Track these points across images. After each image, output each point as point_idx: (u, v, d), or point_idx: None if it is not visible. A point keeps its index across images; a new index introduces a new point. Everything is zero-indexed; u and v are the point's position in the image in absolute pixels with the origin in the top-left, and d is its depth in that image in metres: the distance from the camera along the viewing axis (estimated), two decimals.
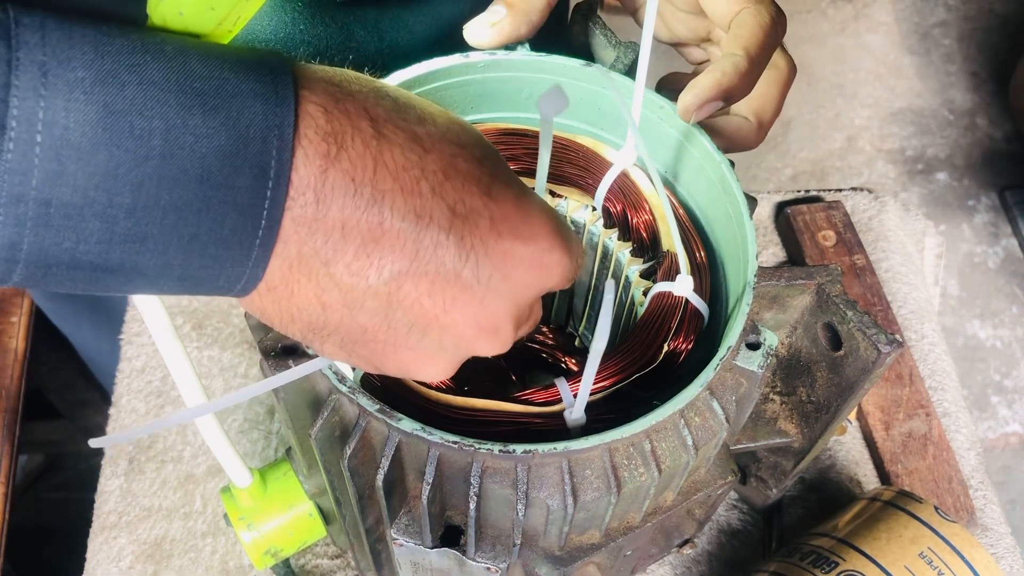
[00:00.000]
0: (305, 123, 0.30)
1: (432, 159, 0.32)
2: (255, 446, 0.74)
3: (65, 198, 0.26)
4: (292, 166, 0.29)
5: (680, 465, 0.43)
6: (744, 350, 0.44)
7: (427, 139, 0.32)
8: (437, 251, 0.32)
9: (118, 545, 0.69)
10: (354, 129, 0.30)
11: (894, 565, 0.56)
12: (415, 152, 0.31)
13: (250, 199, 0.29)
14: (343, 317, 0.32)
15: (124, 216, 0.27)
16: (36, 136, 0.25)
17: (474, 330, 0.34)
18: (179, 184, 0.28)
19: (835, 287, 0.50)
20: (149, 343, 0.78)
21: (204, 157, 0.28)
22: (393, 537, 0.46)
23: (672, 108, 0.52)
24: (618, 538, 0.47)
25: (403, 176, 0.31)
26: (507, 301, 0.34)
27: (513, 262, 0.33)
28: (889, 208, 0.90)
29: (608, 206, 0.54)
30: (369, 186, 0.30)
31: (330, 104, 0.30)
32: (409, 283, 0.32)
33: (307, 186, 0.29)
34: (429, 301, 0.32)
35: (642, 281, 0.54)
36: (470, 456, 0.40)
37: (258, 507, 0.55)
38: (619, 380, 0.46)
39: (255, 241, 0.29)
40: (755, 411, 0.57)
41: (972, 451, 0.76)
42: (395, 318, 0.33)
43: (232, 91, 0.28)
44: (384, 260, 0.31)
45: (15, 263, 0.27)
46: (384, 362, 0.36)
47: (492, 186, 0.33)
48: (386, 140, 0.31)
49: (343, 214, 0.30)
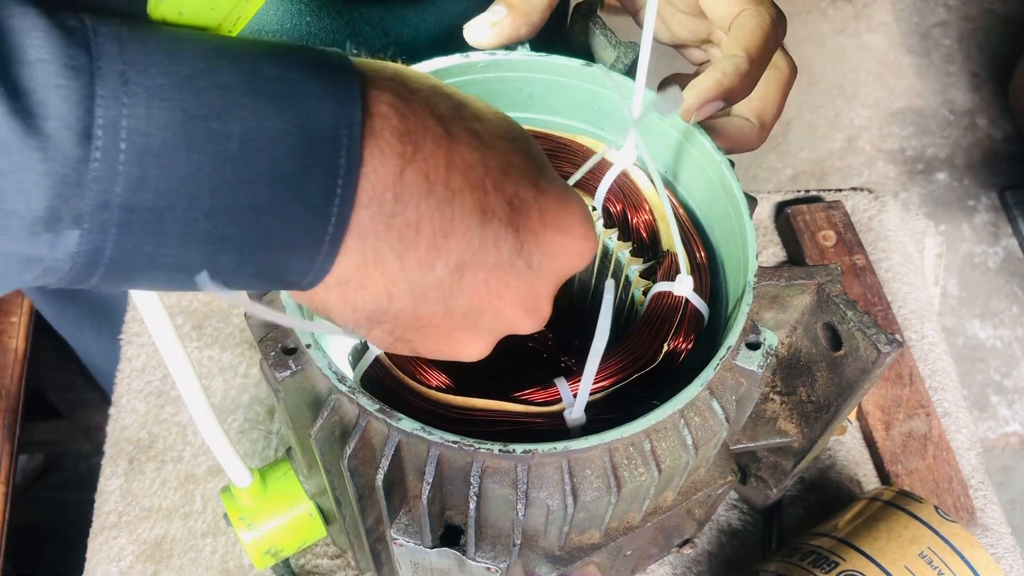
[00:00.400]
0: (379, 123, 0.30)
1: (492, 156, 0.34)
2: (255, 446, 0.74)
3: (147, 203, 0.27)
4: (367, 164, 0.30)
5: (680, 465, 0.43)
6: (744, 350, 0.44)
7: (485, 136, 0.34)
8: (497, 243, 0.34)
9: (118, 545, 0.69)
10: (425, 129, 0.32)
11: (894, 565, 0.56)
12: (478, 150, 0.33)
13: (321, 197, 0.29)
14: (406, 307, 0.34)
15: (203, 218, 0.28)
16: (120, 144, 0.26)
17: (521, 312, 0.36)
18: (255, 185, 0.28)
19: (835, 287, 0.50)
20: (149, 343, 0.78)
21: (278, 158, 0.28)
22: (393, 537, 0.46)
23: None
24: (618, 538, 0.47)
25: (470, 174, 0.33)
26: (549, 283, 0.37)
27: (557, 249, 0.36)
28: (889, 208, 0.90)
29: (608, 206, 0.54)
30: (442, 184, 0.32)
31: (399, 103, 0.31)
32: (470, 273, 0.34)
33: (386, 186, 0.30)
34: (486, 288, 0.35)
35: (642, 281, 0.54)
36: (470, 456, 0.40)
37: (258, 507, 0.55)
38: (619, 380, 0.46)
39: (324, 238, 0.30)
40: (755, 411, 0.57)
41: (972, 451, 0.76)
42: (453, 306, 0.35)
43: (302, 91, 0.29)
44: (451, 253, 0.33)
45: (96, 267, 0.27)
46: (429, 346, 0.37)
47: (540, 180, 0.35)
48: (454, 139, 0.32)
49: (418, 211, 0.31)
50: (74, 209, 0.26)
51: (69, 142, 0.25)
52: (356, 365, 0.46)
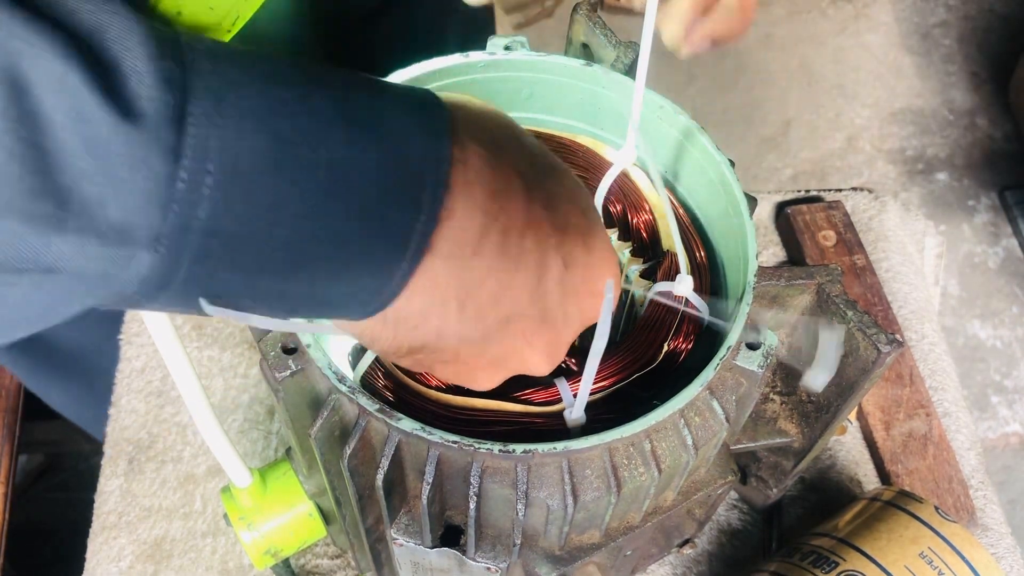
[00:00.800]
0: (471, 175, 0.30)
1: (559, 216, 0.34)
2: (255, 446, 0.74)
3: (229, 229, 0.25)
4: (455, 214, 0.30)
5: (680, 465, 0.43)
6: (744, 350, 0.44)
7: (556, 196, 0.35)
8: (546, 298, 0.35)
9: (118, 545, 0.69)
10: (511, 187, 0.32)
11: (894, 565, 0.56)
12: (549, 211, 0.34)
13: (401, 235, 0.29)
14: (448, 347, 0.34)
15: (280, 248, 0.27)
16: (208, 165, 0.24)
17: (542, 356, 0.37)
18: (337, 218, 0.27)
19: (835, 287, 0.50)
20: (149, 343, 0.78)
21: (364, 192, 0.28)
22: (393, 537, 0.46)
23: (672, 108, 0.52)
24: (618, 538, 0.47)
25: (539, 231, 0.33)
26: (574, 333, 0.38)
27: (590, 305, 0.37)
28: (889, 208, 0.90)
29: (608, 206, 0.54)
30: (516, 245, 0.32)
31: (489, 156, 0.31)
32: (516, 324, 0.35)
33: (467, 241, 0.31)
34: (523, 337, 0.36)
35: (642, 281, 0.54)
36: (470, 456, 0.40)
37: (258, 507, 0.55)
38: (619, 380, 0.46)
39: (396, 273, 0.30)
40: (755, 411, 0.57)
41: (972, 451, 0.76)
42: (490, 348, 0.35)
43: (392, 124, 0.28)
44: (505, 305, 0.33)
45: (163, 289, 0.26)
46: (448, 374, 0.38)
47: (589, 237, 0.36)
48: (533, 201, 0.33)
49: (489, 265, 0.32)
50: (153, 229, 0.24)
51: (158, 157, 0.23)
52: (356, 365, 0.46)
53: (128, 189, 0.23)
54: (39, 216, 0.23)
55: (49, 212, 0.23)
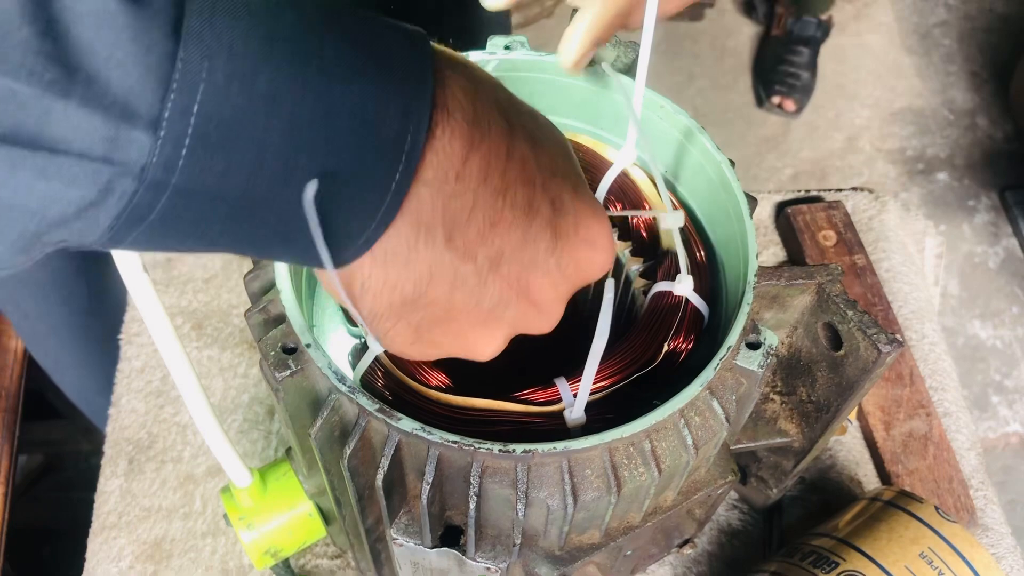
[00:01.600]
0: (452, 104, 0.31)
1: (544, 155, 0.34)
2: (255, 446, 0.74)
3: (226, 115, 0.26)
4: (437, 140, 0.30)
5: (680, 465, 0.43)
6: (744, 350, 0.44)
7: (538, 134, 0.35)
8: (537, 240, 0.34)
9: (118, 545, 0.69)
10: (490, 118, 0.32)
11: (894, 565, 0.56)
12: (533, 147, 0.34)
13: (392, 144, 0.29)
14: (442, 293, 0.34)
15: (277, 140, 0.27)
16: (205, 49, 0.25)
17: (539, 311, 0.37)
18: (329, 115, 0.28)
19: (835, 287, 0.50)
20: (149, 343, 0.78)
21: (353, 94, 0.28)
22: (393, 537, 0.46)
23: (672, 108, 0.52)
24: (618, 538, 0.47)
25: (525, 168, 0.33)
26: (569, 288, 0.37)
27: (583, 257, 0.37)
28: (889, 208, 0.90)
29: (608, 206, 0.54)
30: (499, 175, 0.32)
31: (471, 88, 0.32)
32: (507, 266, 0.34)
33: (450, 167, 0.31)
34: (516, 283, 0.35)
35: (642, 281, 0.54)
36: (470, 456, 0.40)
37: (258, 507, 0.55)
38: (619, 380, 0.46)
39: (388, 190, 0.30)
40: (755, 411, 0.57)
41: (972, 451, 0.76)
42: (485, 296, 0.35)
43: (380, 36, 0.29)
44: (495, 243, 0.33)
45: (164, 189, 0.26)
46: (453, 342, 0.37)
47: (578, 185, 0.36)
48: (514, 133, 0.33)
49: (474, 197, 0.32)
50: (154, 108, 0.25)
51: (161, 33, 0.24)
52: (356, 365, 0.46)
53: (132, 61, 0.24)
54: (46, 80, 0.23)
55: (54, 77, 0.23)
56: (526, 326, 0.38)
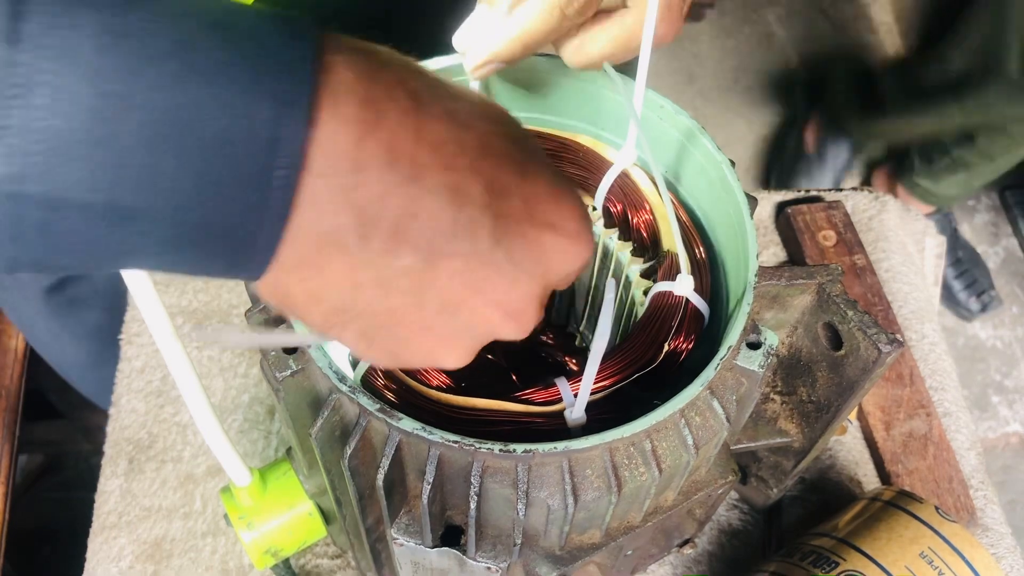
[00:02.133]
0: (339, 86, 0.28)
1: (469, 136, 0.31)
2: (255, 446, 0.74)
3: (75, 121, 0.24)
4: (322, 127, 0.27)
5: (680, 465, 0.43)
6: (745, 350, 0.44)
7: (462, 115, 0.31)
8: (473, 230, 0.31)
9: (118, 545, 0.69)
10: (390, 99, 0.29)
11: (894, 565, 0.56)
12: (452, 128, 0.31)
13: (267, 139, 0.27)
14: (374, 298, 0.31)
15: (135, 144, 0.25)
16: (45, 52, 0.24)
17: (502, 312, 0.34)
18: (194, 111, 0.26)
19: (835, 287, 0.50)
20: (149, 343, 0.78)
21: (221, 86, 0.26)
22: (393, 537, 0.46)
23: (672, 108, 0.52)
24: (618, 538, 0.47)
25: (441, 150, 0.30)
26: (536, 283, 0.34)
27: (544, 247, 0.33)
28: (889, 208, 0.90)
29: (608, 206, 0.54)
30: (408, 159, 0.29)
31: (366, 72, 0.29)
32: (444, 262, 0.31)
33: (343, 153, 0.28)
34: (461, 280, 0.32)
35: (642, 281, 0.54)
36: (470, 456, 0.40)
37: (258, 507, 0.55)
38: (619, 380, 0.46)
39: (271, 187, 0.27)
40: (755, 411, 0.57)
41: (972, 451, 0.76)
42: (427, 298, 0.32)
43: (250, 28, 0.27)
44: (421, 237, 0.30)
45: (25, 201, 0.24)
46: (406, 350, 0.34)
47: (527, 166, 0.33)
48: (424, 113, 0.30)
49: (381, 186, 0.29)
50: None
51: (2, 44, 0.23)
52: (356, 365, 0.46)
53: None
54: None
55: None
56: (491, 331, 0.34)
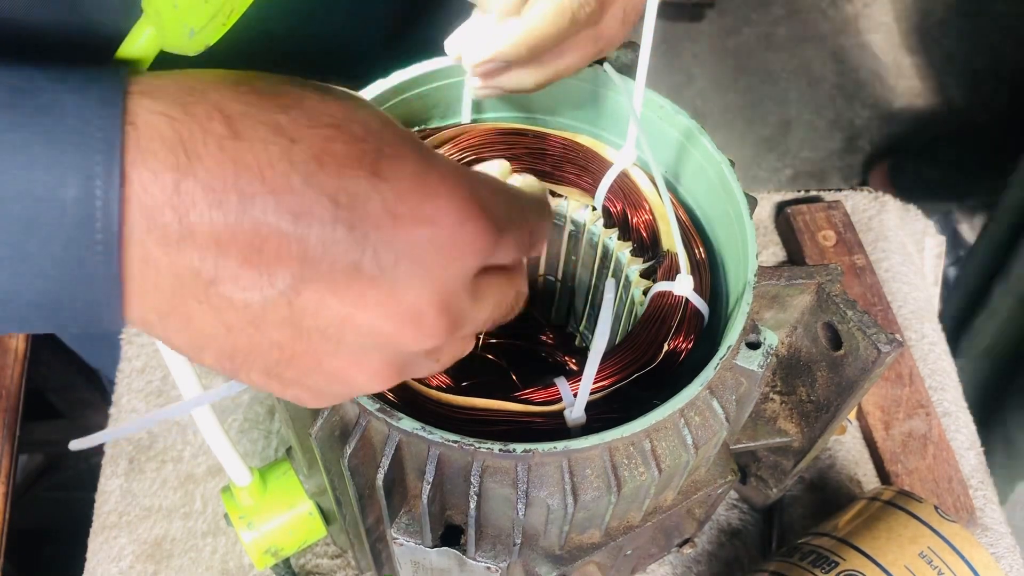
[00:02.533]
0: (146, 136, 0.27)
1: (301, 148, 0.29)
2: (255, 446, 0.74)
3: None
4: (131, 184, 0.27)
5: (680, 464, 0.43)
6: (744, 349, 0.44)
7: (293, 127, 0.29)
8: (327, 248, 0.29)
9: (118, 545, 0.69)
10: (205, 132, 0.28)
11: (894, 565, 0.56)
12: (279, 144, 0.29)
13: (80, 216, 0.26)
14: (252, 337, 0.30)
15: None
16: None
17: (393, 323, 0.31)
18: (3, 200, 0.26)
19: (835, 287, 0.51)
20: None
21: (17, 170, 0.26)
22: (393, 537, 0.46)
23: (672, 108, 0.52)
24: (618, 537, 0.47)
25: (270, 174, 0.28)
26: (422, 286, 0.31)
27: (417, 241, 0.30)
28: (889, 208, 0.90)
29: (608, 206, 0.54)
30: (233, 192, 0.28)
31: (176, 110, 0.28)
32: (307, 288, 0.29)
33: (162, 204, 0.27)
34: (335, 300, 0.30)
35: (642, 281, 0.54)
36: (470, 455, 0.40)
37: (258, 506, 0.55)
38: (619, 379, 0.46)
39: (96, 260, 0.27)
40: (755, 411, 0.57)
41: (972, 451, 0.76)
42: (305, 326, 0.30)
43: (48, 102, 0.27)
44: (273, 268, 0.29)
45: None
46: (320, 382, 0.33)
47: (379, 163, 0.30)
48: (244, 138, 0.28)
49: (212, 227, 0.28)
50: None
51: None
52: None
53: None
54: None
55: None
56: (394, 344, 0.32)
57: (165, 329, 0.30)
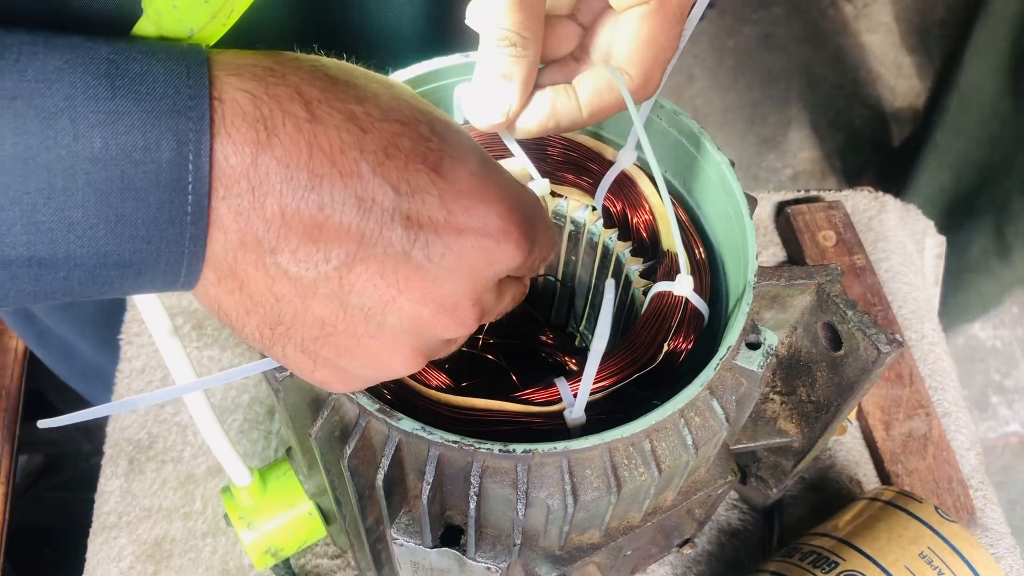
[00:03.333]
0: (230, 110, 0.29)
1: (372, 139, 0.31)
2: (255, 446, 0.74)
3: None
4: (217, 153, 0.29)
5: (680, 465, 0.43)
6: (744, 350, 0.44)
7: (366, 118, 0.31)
8: (383, 232, 0.31)
9: (118, 545, 0.69)
10: (285, 113, 0.30)
11: (894, 565, 0.56)
12: (352, 133, 0.31)
13: (173, 178, 0.28)
14: (298, 308, 0.32)
15: (44, 201, 0.27)
16: None
17: (431, 309, 0.33)
18: (95, 163, 0.27)
19: (835, 287, 0.50)
20: (149, 343, 0.78)
21: (118, 135, 0.27)
22: (393, 537, 0.46)
23: (672, 108, 0.52)
24: (618, 538, 0.47)
25: (341, 159, 0.30)
26: (463, 280, 0.34)
27: (465, 240, 0.33)
28: (889, 208, 0.90)
29: (608, 206, 0.54)
30: (305, 171, 0.30)
31: (258, 89, 0.30)
32: (359, 267, 0.31)
33: (240, 175, 0.29)
34: (383, 283, 0.32)
35: (642, 281, 0.54)
36: (470, 456, 0.40)
37: (258, 506, 0.55)
38: (619, 380, 0.46)
39: (185, 221, 0.29)
40: (755, 411, 0.57)
41: (972, 451, 0.76)
42: (351, 304, 0.32)
43: (141, 72, 0.28)
44: (331, 245, 0.31)
45: None
46: (351, 362, 0.35)
47: (441, 162, 0.32)
48: (320, 122, 0.30)
49: (281, 201, 0.30)
50: None
51: None
52: None
53: None
54: None
55: None
56: (429, 330, 0.34)
57: (219, 290, 0.32)
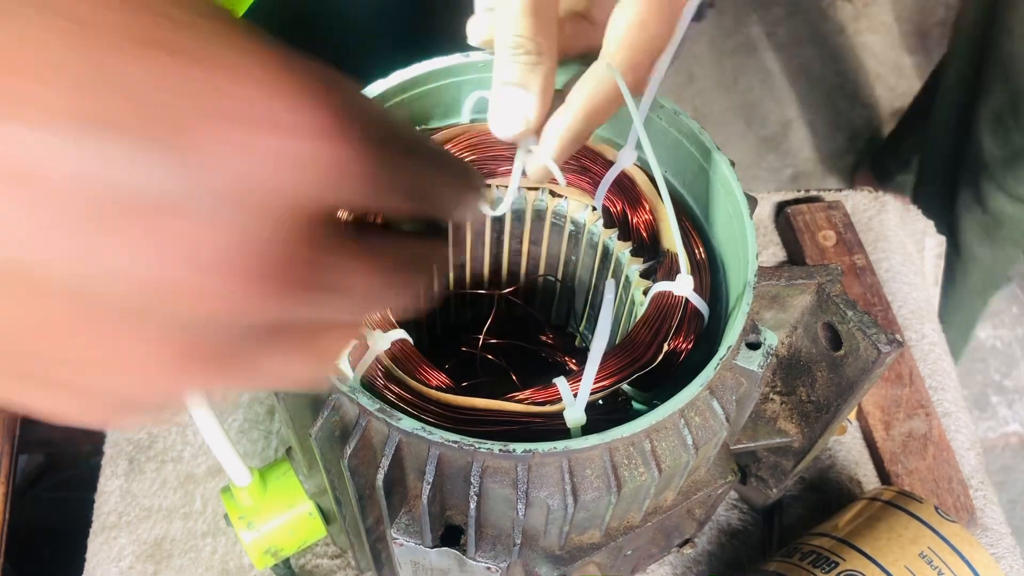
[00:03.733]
0: None
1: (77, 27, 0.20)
2: (255, 446, 0.74)
3: None
4: None
5: (680, 465, 0.43)
6: (744, 350, 0.44)
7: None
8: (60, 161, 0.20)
9: (118, 545, 0.69)
10: None
11: (894, 565, 0.56)
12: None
13: None
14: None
15: None
16: None
17: (170, 271, 0.21)
18: None
19: (835, 287, 0.51)
20: None
21: None
22: (393, 537, 0.46)
23: (672, 108, 0.52)
24: (618, 538, 0.47)
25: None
26: (224, 214, 0.21)
27: (225, 141, 0.21)
28: (889, 208, 0.90)
29: (608, 206, 0.54)
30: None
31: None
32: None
33: None
34: (76, 242, 0.20)
35: (642, 281, 0.54)
36: (470, 456, 0.40)
37: (258, 506, 0.55)
38: (619, 379, 0.46)
39: None
40: (755, 411, 0.57)
41: (972, 451, 0.76)
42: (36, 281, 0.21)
43: None
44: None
45: None
46: (71, 370, 0.23)
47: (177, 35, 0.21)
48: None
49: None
50: None
51: None
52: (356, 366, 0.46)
53: None
54: None
55: None
56: (174, 307, 0.21)
57: None
